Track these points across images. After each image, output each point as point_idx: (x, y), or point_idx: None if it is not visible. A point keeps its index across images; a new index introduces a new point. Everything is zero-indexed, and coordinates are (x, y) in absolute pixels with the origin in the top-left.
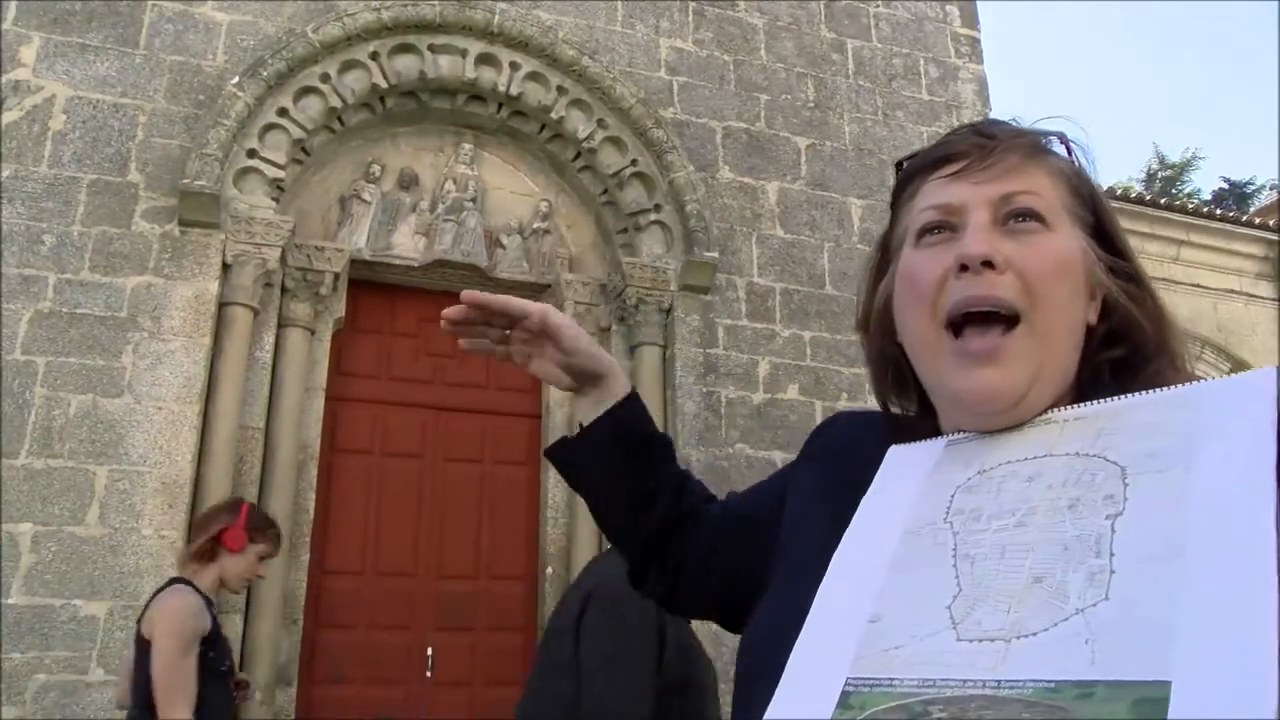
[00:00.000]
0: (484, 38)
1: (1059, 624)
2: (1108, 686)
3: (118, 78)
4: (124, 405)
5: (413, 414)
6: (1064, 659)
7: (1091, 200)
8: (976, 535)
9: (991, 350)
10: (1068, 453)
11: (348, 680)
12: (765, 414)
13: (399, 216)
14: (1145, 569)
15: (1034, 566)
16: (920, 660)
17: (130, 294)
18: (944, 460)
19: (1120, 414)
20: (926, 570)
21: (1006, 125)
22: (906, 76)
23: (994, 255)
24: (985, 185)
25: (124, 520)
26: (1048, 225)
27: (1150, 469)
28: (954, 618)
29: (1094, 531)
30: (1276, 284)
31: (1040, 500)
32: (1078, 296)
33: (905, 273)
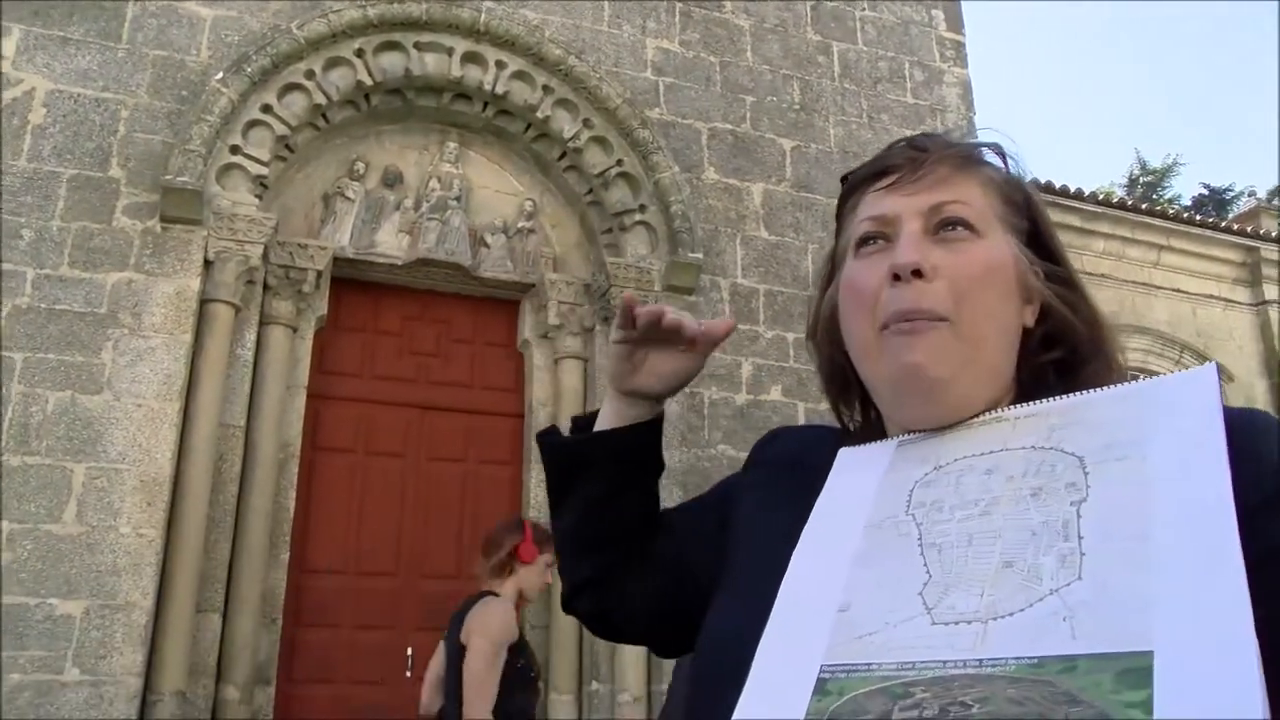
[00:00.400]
0: (470, 36)
1: (1035, 604)
2: (1090, 659)
3: (99, 72)
4: (103, 402)
5: (396, 412)
6: (1044, 636)
7: (1027, 208)
8: (941, 525)
9: (920, 330)
10: (1023, 446)
11: (328, 679)
12: (748, 415)
13: (383, 214)
14: (1115, 549)
15: (1003, 552)
16: (897, 645)
17: (110, 290)
18: (897, 459)
19: (1070, 410)
20: (893, 560)
21: (940, 139)
22: (891, 80)
23: (923, 264)
24: (916, 196)
25: (102, 518)
26: (977, 233)
27: (1109, 458)
28: (927, 603)
29: (1060, 517)
30: (1254, 290)
31: (1002, 491)
32: (1007, 300)
33: (847, 282)
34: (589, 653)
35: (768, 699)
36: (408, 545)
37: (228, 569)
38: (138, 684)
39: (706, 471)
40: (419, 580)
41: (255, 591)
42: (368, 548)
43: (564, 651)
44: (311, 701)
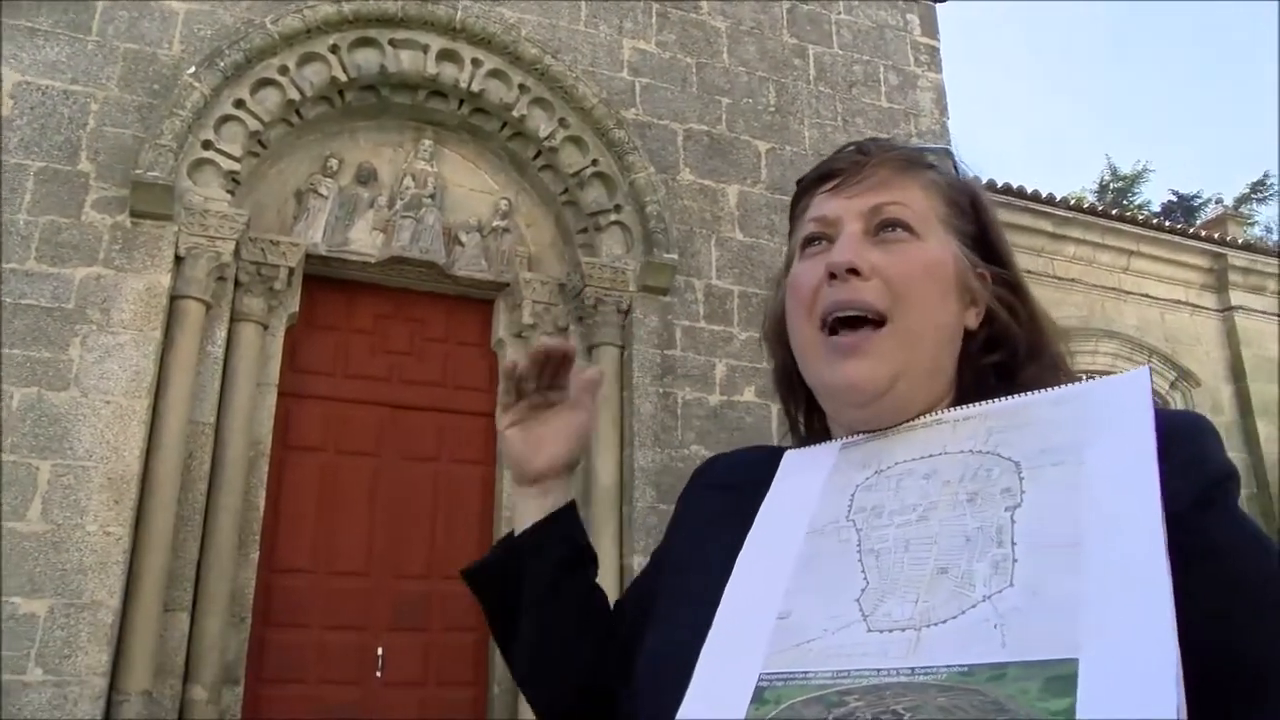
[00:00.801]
0: (446, 33)
1: (967, 611)
2: (1019, 666)
3: (68, 64)
4: (70, 399)
5: (368, 411)
6: (975, 643)
7: (973, 211)
8: (880, 531)
9: (855, 344)
10: (962, 450)
11: (297, 680)
12: (721, 416)
13: (356, 212)
14: (1046, 556)
15: (939, 558)
16: (833, 653)
17: (79, 285)
18: (840, 462)
19: (1009, 413)
20: (833, 567)
21: (886, 143)
22: (866, 83)
23: (859, 263)
24: (857, 198)
25: (68, 516)
26: (916, 234)
27: (1045, 463)
28: (864, 610)
29: (995, 523)
30: (1220, 296)
31: (939, 496)
32: (945, 300)
33: (791, 283)
34: None
35: (708, 706)
36: (379, 545)
37: (196, 568)
38: (103, 684)
39: (680, 472)
40: (390, 580)
41: (224, 591)
42: (338, 547)
43: None
44: (281, 702)
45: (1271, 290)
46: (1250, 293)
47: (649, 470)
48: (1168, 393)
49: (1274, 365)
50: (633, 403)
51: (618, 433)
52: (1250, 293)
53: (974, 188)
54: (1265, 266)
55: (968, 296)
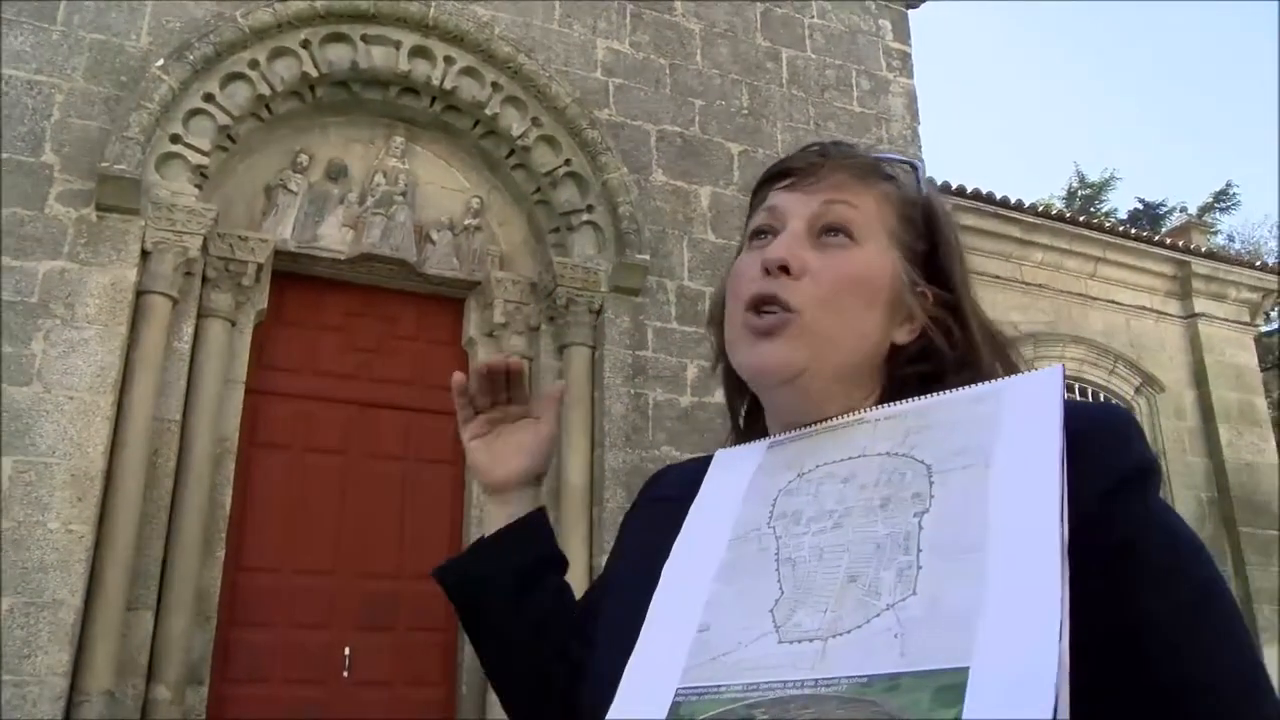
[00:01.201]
0: (419, 30)
1: (871, 620)
2: (913, 677)
3: (33, 54)
4: (32, 394)
5: (336, 409)
6: (876, 654)
7: (927, 229)
8: (797, 538)
9: (769, 327)
10: (880, 452)
11: (263, 679)
12: (692, 417)
13: (326, 208)
14: (949, 563)
15: (849, 566)
16: (746, 665)
17: (43, 279)
18: (766, 463)
19: (927, 412)
20: (752, 576)
21: (848, 148)
22: (839, 88)
23: (790, 261)
24: (807, 198)
25: (29, 513)
26: (855, 241)
27: (955, 466)
28: (776, 621)
29: (903, 529)
30: (1184, 303)
31: (855, 501)
32: (869, 311)
33: (734, 271)
34: None
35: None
36: (346, 544)
37: (161, 566)
38: (63, 684)
39: (650, 472)
40: (357, 579)
41: (189, 589)
42: (305, 546)
43: None
44: (246, 702)
45: (1234, 298)
46: (1213, 300)
47: (620, 471)
48: (1133, 397)
49: (1235, 371)
50: (604, 403)
51: (588, 433)
52: (1213, 300)
53: (933, 205)
54: (1228, 274)
55: (901, 312)
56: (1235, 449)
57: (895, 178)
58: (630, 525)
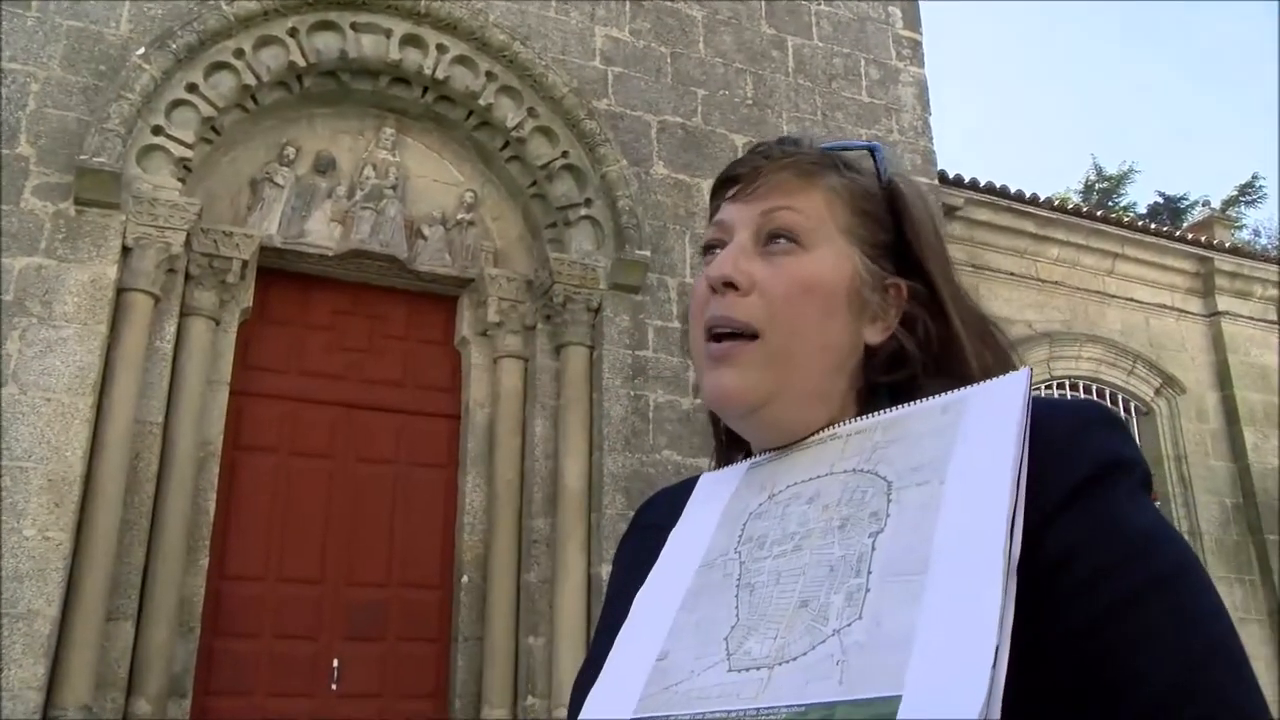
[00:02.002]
0: (410, 18)
1: (817, 646)
2: (848, 705)
3: (6, 40)
4: (8, 395)
5: (323, 411)
6: (816, 681)
7: (892, 218)
8: (759, 563)
9: (724, 353)
10: (845, 469)
11: (247, 691)
12: (694, 419)
13: (314, 202)
14: (894, 586)
15: (803, 590)
16: (695, 695)
17: (18, 276)
18: (741, 486)
19: (893, 425)
20: (712, 603)
21: (793, 145)
22: (847, 77)
23: (735, 277)
24: (750, 206)
25: (4, 520)
26: (802, 245)
27: (912, 482)
28: (729, 649)
29: (857, 551)
30: (1206, 300)
31: (816, 522)
32: (828, 319)
33: (692, 293)
34: (525, 666)
35: None
36: (333, 551)
37: (142, 574)
38: (38, 698)
39: (650, 477)
40: (345, 588)
41: (171, 598)
42: (291, 553)
43: (498, 664)
44: (230, 715)
45: (1259, 295)
46: (1237, 298)
47: (619, 476)
48: (1153, 399)
49: (1260, 372)
50: (602, 405)
51: (587, 436)
52: (1237, 298)
53: (897, 190)
54: (1252, 271)
55: (868, 312)
56: (1260, 453)
57: (849, 168)
58: (621, 553)
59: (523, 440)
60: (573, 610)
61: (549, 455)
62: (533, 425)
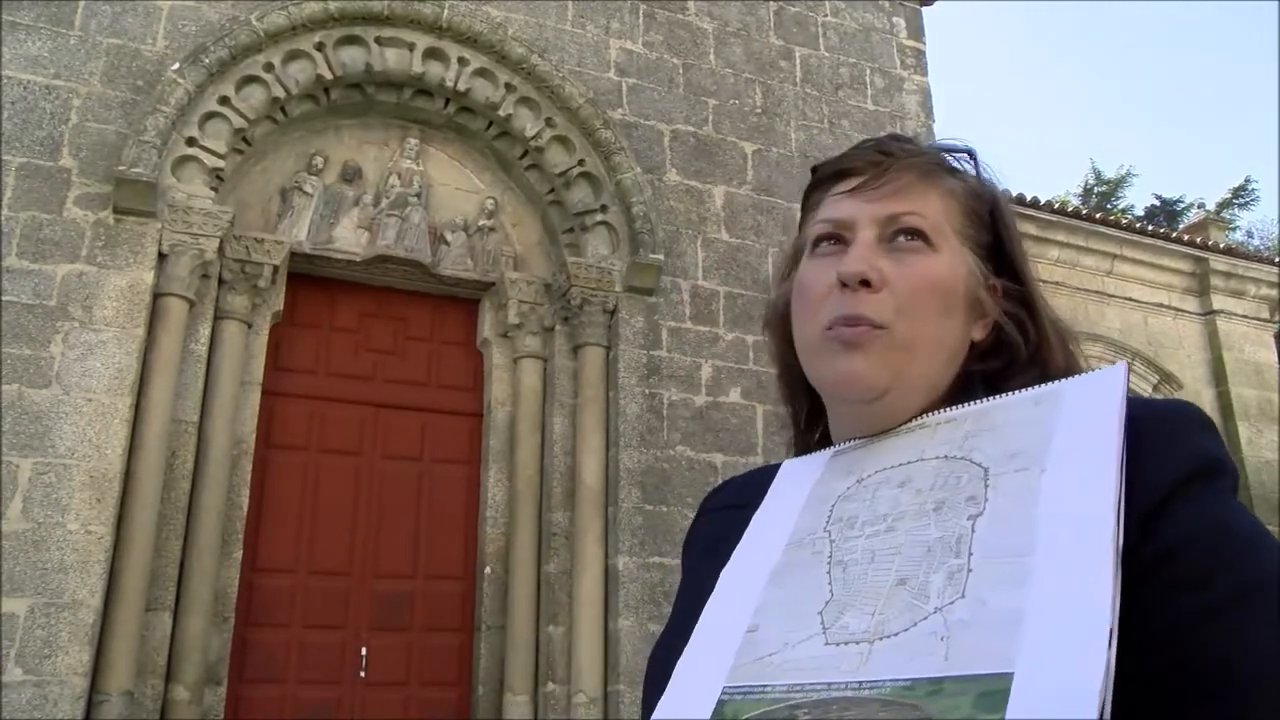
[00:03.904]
0: (432, 32)
1: (918, 623)
2: (956, 681)
3: (50, 59)
4: (51, 396)
5: (351, 410)
6: (920, 657)
7: (991, 220)
8: (850, 542)
9: (857, 338)
10: (937, 456)
11: (279, 680)
12: (707, 416)
13: (341, 210)
14: (998, 566)
15: (899, 569)
16: (791, 666)
17: (61, 282)
18: (827, 471)
19: (985, 415)
20: (803, 579)
21: (907, 143)
22: (853, 86)
23: (870, 274)
24: (875, 204)
25: (49, 514)
26: (931, 245)
27: (1010, 469)
28: (824, 623)
29: (955, 532)
30: (1202, 300)
31: (909, 505)
32: (951, 315)
33: (799, 282)
34: (545, 653)
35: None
36: (361, 544)
37: (179, 567)
38: (84, 684)
39: (665, 473)
40: (372, 580)
41: (207, 590)
42: (321, 546)
43: (520, 652)
44: (263, 702)
45: (1253, 295)
46: (1232, 297)
47: (635, 471)
48: (1150, 395)
49: (1254, 369)
50: (618, 403)
51: (603, 433)
52: (1232, 297)
53: (994, 195)
54: (1246, 271)
55: (976, 311)
56: (1255, 447)
57: (958, 171)
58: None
59: (542, 437)
60: (591, 600)
61: (567, 452)
62: (551, 423)
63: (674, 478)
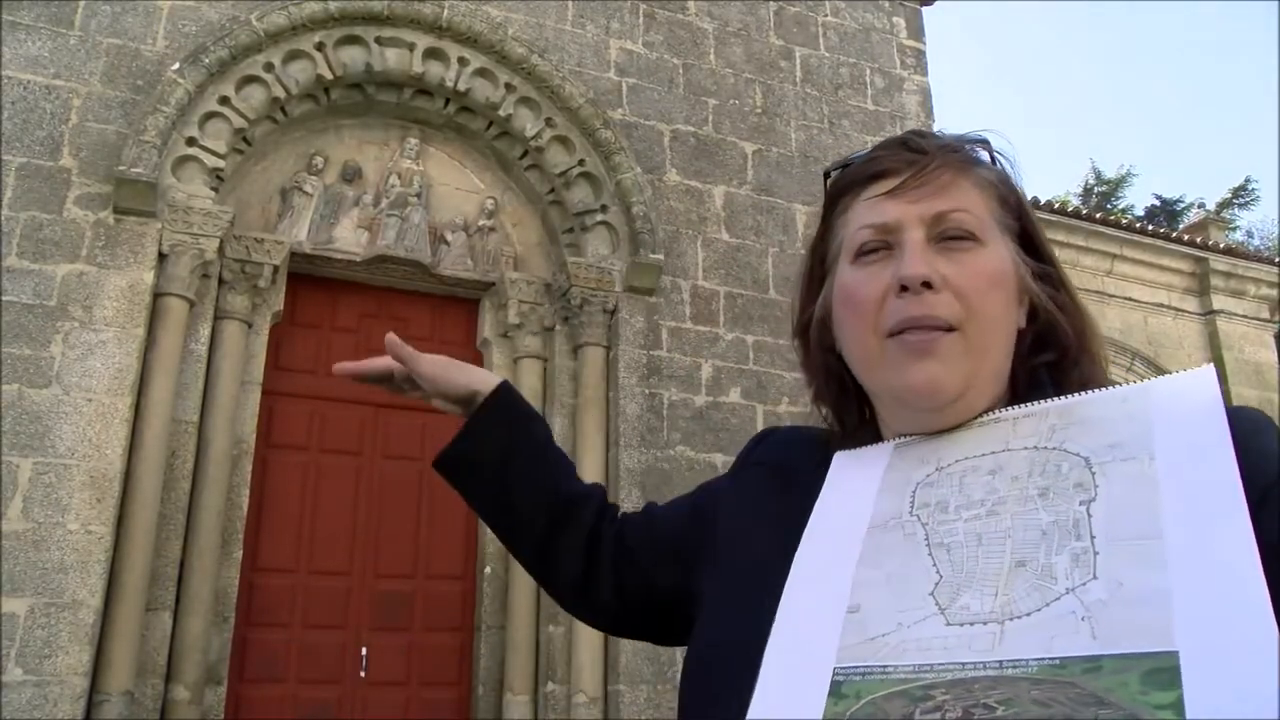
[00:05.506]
0: (432, 32)
1: (1051, 604)
2: (1114, 659)
3: (51, 59)
4: (51, 396)
5: (351, 410)
6: (1063, 636)
7: (1017, 208)
8: (947, 525)
9: (926, 345)
10: (1025, 447)
11: (280, 679)
12: (707, 416)
13: (341, 210)
14: (1129, 548)
15: (1015, 551)
16: (912, 646)
17: (61, 282)
18: (895, 460)
19: (1070, 410)
20: (901, 561)
21: (935, 138)
22: (853, 86)
23: (932, 276)
24: (919, 204)
25: (49, 514)
26: (980, 241)
27: (1115, 458)
28: (940, 604)
29: (1070, 517)
30: (1202, 299)
31: (1008, 491)
32: (1010, 307)
33: (845, 291)
34: (545, 654)
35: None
36: (361, 544)
37: (179, 567)
38: (84, 684)
39: (666, 473)
40: (373, 580)
41: (207, 590)
42: (321, 546)
43: (520, 652)
44: (263, 702)
45: (1253, 294)
46: (1231, 296)
47: (635, 471)
48: None
49: (1254, 368)
50: (618, 403)
51: (603, 433)
52: (1231, 296)
53: (1014, 181)
54: (1246, 271)
55: (1023, 297)
56: None
57: (984, 161)
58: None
59: None
60: None
61: (568, 452)
62: (552, 423)
63: (674, 477)
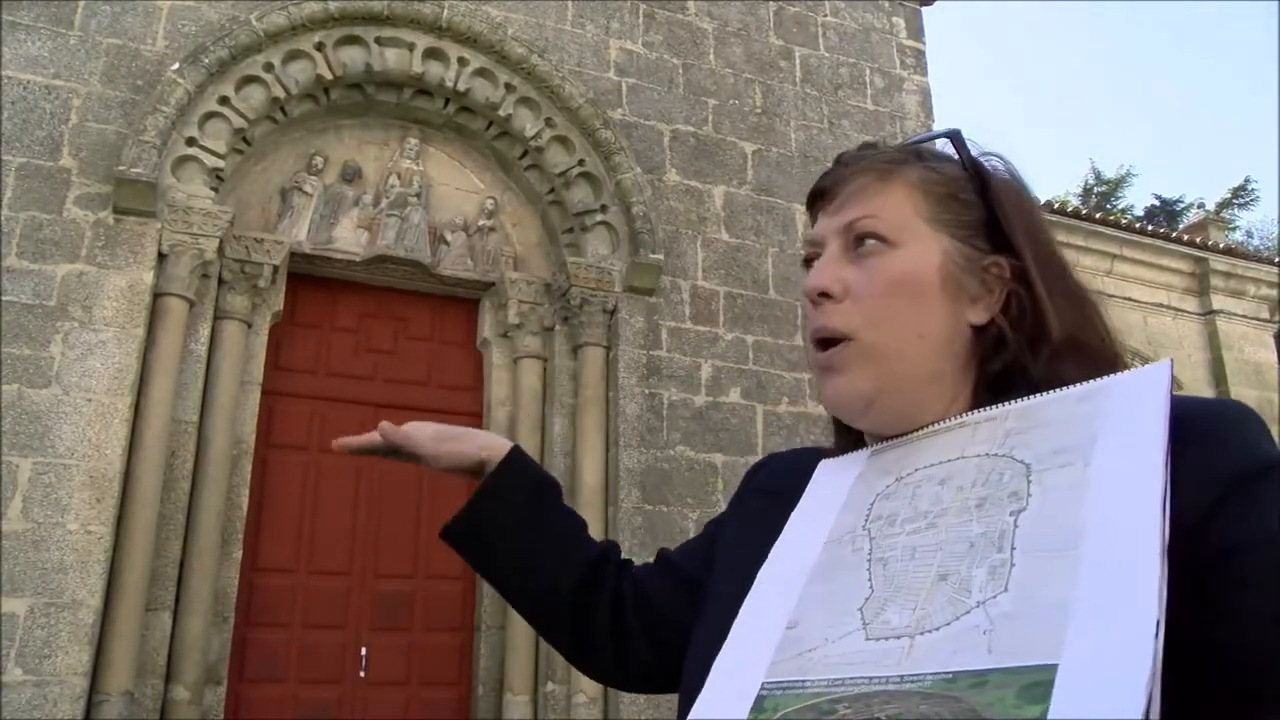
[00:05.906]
0: (432, 32)
1: (960, 617)
2: (1000, 673)
3: (50, 59)
4: (51, 396)
5: (351, 410)
6: (963, 650)
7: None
8: (890, 539)
9: (829, 361)
10: (978, 454)
11: (279, 679)
12: (707, 416)
13: (341, 210)
14: (1042, 561)
15: (941, 565)
16: (832, 661)
17: (60, 282)
18: (866, 470)
19: (1027, 413)
20: (843, 576)
21: (871, 149)
22: (852, 86)
23: (830, 286)
24: (836, 215)
25: (48, 514)
26: (892, 244)
27: (1054, 465)
28: (865, 619)
29: (998, 528)
30: (1201, 299)
31: (951, 502)
32: (926, 306)
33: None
34: (545, 654)
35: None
36: (361, 544)
37: (179, 567)
38: (83, 684)
39: (665, 473)
40: (373, 580)
41: (207, 590)
42: (321, 546)
43: (520, 652)
44: (263, 702)
45: (1252, 295)
46: (1231, 297)
47: (635, 471)
48: None
49: (1254, 369)
50: (618, 403)
51: (603, 433)
52: (1231, 297)
53: (982, 171)
54: (1246, 271)
55: (965, 295)
56: None
57: (931, 158)
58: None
59: (542, 438)
60: None
61: (567, 452)
62: (552, 423)
63: (674, 478)
